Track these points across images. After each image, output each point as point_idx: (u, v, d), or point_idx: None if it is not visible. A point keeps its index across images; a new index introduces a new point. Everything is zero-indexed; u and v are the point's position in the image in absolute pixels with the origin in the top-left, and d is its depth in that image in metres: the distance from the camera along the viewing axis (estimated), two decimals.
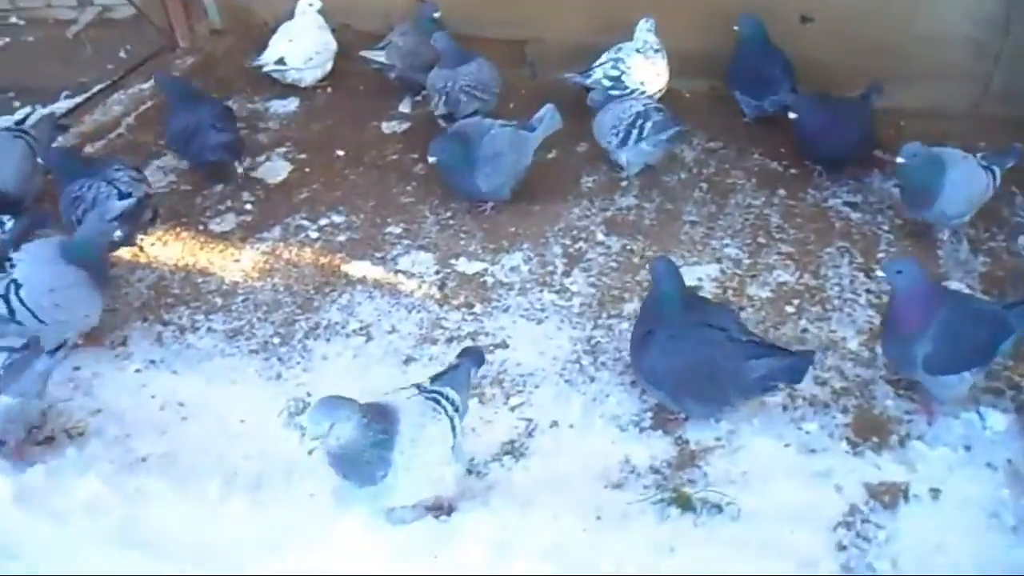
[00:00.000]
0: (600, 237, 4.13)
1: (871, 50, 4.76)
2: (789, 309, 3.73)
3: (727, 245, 4.08)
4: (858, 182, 4.44)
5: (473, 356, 3.04)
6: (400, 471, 2.60)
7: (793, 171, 4.56)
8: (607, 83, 4.72)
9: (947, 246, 4.05)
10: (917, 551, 2.83)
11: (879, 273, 3.71)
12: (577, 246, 4.09)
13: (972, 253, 4.04)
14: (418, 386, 2.82)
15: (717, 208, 4.32)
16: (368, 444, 2.54)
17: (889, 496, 3.03)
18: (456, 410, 2.77)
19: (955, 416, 3.29)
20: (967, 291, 3.80)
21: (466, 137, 4.15)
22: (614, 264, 3.98)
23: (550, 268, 3.98)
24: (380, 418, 2.58)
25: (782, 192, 4.42)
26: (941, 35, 4.86)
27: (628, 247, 4.06)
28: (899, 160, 3.73)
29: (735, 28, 4.67)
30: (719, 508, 2.96)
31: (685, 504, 2.97)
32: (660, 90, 4.79)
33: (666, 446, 3.20)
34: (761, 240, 4.12)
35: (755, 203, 4.33)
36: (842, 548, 2.84)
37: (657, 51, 4.75)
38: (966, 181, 3.80)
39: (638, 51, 4.73)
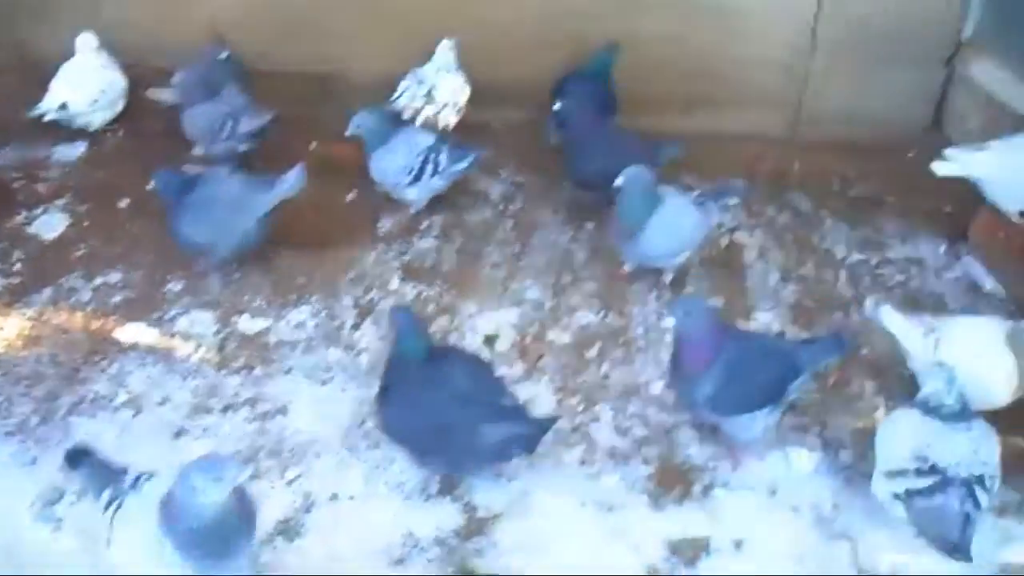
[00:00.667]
0: (395, 285, 3.84)
1: (682, 75, 4.68)
2: (590, 354, 3.54)
3: (529, 287, 3.87)
4: None
5: None
6: None
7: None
8: (419, 104, 4.57)
9: (756, 276, 3.94)
10: None
11: None
12: (369, 296, 3.78)
13: (782, 282, 3.94)
14: None
15: (522, 247, 4.10)
16: None
17: (691, 551, 2.85)
18: None
19: (760, 459, 3.13)
20: (775, 324, 3.70)
21: (195, 177, 3.84)
22: None
23: (338, 322, 3.67)
24: None
25: (590, 226, 4.23)
26: (752, 58, 4.83)
27: (424, 294, 3.79)
28: (618, 181, 3.49)
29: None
30: None
31: None
32: (468, 99, 4.66)
33: (453, 514, 2.92)
34: (565, 279, 3.92)
35: (561, 239, 4.10)
36: None
37: (457, 68, 4.63)
38: (674, 220, 3.60)
39: (439, 70, 4.60)
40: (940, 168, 3.90)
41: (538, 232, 4.21)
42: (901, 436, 2.82)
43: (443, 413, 2.78)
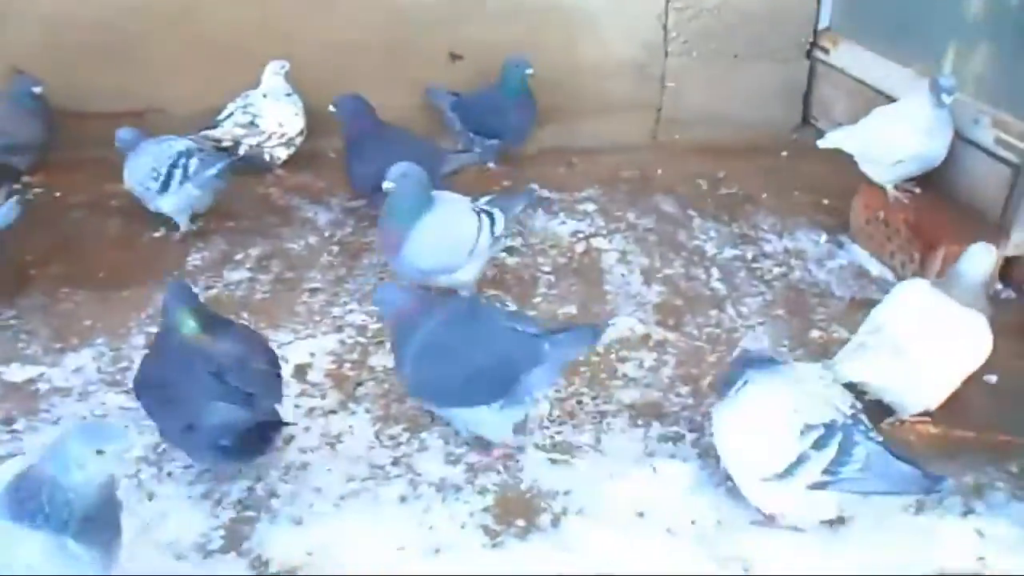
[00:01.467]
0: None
1: (532, 85, 4.22)
2: None
3: (351, 311, 3.29)
4: (518, 223, 3.77)
5: None
6: None
7: None
8: (240, 132, 4.14)
9: (616, 280, 3.43)
10: None
11: None
12: None
13: (645, 284, 3.45)
14: None
15: (347, 271, 3.55)
16: None
17: None
18: None
19: (624, 476, 2.55)
20: (640, 327, 3.17)
21: None
22: None
23: (125, 364, 3.00)
24: None
25: None
26: (606, 63, 4.44)
27: None
28: (386, 184, 3.04)
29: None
30: None
31: None
32: (301, 132, 4.26)
33: (241, 572, 2.28)
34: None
35: None
36: None
37: (289, 95, 4.22)
38: (444, 225, 3.10)
39: (266, 96, 4.19)
40: (822, 142, 3.72)
41: (366, 255, 3.65)
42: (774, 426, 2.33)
43: (185, 386, 2.38)
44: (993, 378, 2.99)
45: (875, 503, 2.48)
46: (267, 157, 4.22)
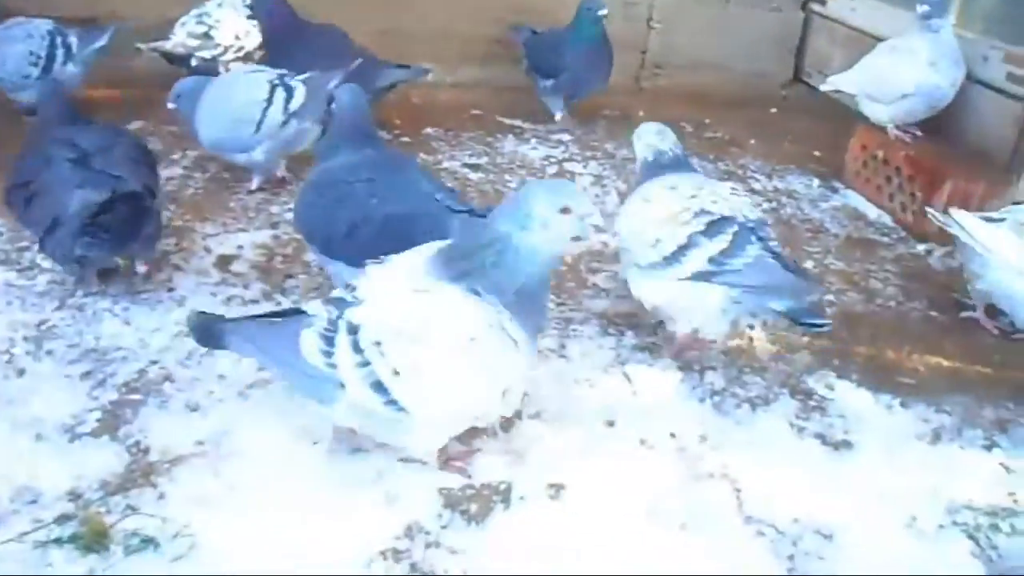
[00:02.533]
0: None
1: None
2: None
3: (289, 210, 2.86)
4: (485, 145, 3.42)
5: None
6: None
7: (406, 139, 3.54)
8: (193, 43, 3.70)
9: (590, 200, 3.05)
10: None
11: None
12: None
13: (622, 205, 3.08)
14: None
15: (293, 175, 3.15)
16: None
17: (477, 503, 1.82)
18: None
19: (591, 383, 2.16)
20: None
21: None
22: None
23: (21, 244, 2.56)
24: None
25: None
26: None
27: None
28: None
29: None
30: (154, 543, 1.59)
31: (96, 540, 1.60)
32: (260, 46, 3.80)
33: (110, 458, 1.85)
34: None
35: None
36: None
37: (248, 5, 3.79)
38: (221, 99, 2.87)
39: (222, 5, 3.78)
40: (824, 85, 3.55)
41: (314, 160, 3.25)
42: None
43: (38, 179, 2.17)
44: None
45: (881, 429, 2.14)
46: (222, 71, 3.80)
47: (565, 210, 1.63)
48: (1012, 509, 1.97)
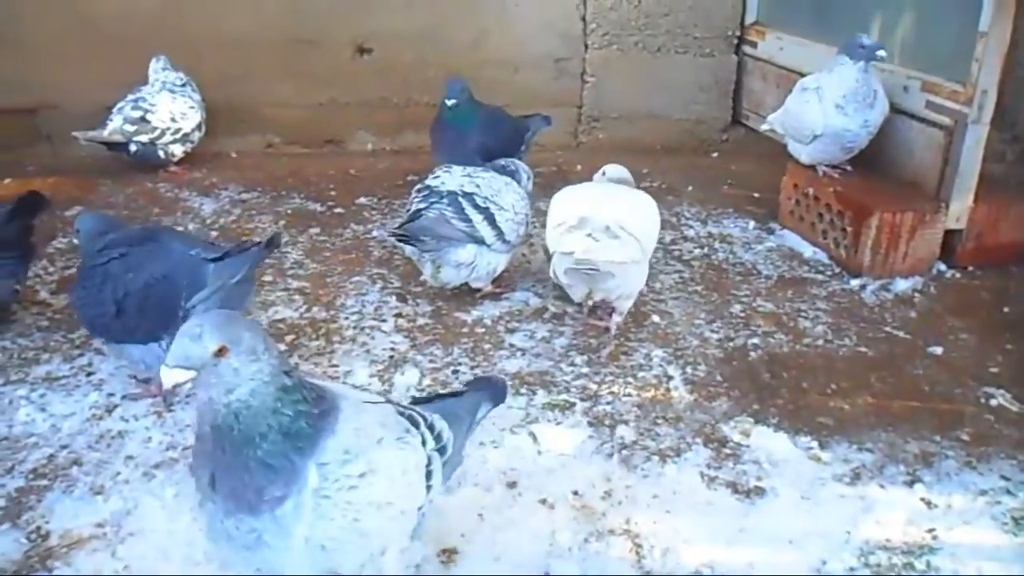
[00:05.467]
0: None
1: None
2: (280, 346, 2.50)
3: None
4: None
5: (490, 389, 1.85)
6: (311, 501, 1.36)
7: (339, 210, 3.50)
8: (130, 128, 3.76)
9: (515, 259, 3.04)
10: None
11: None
12: None
13: (547, 262, 3.05)
14: (387, 399, 1.68)
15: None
16: (276, 419, 1.36)
17: None
18: (439, 451, 1.60)
19: (496, 444, 2.12)
20: (533, 299, 2.77)
21: None
22: None
23: None
24: (311, 391, 1.43)
25: (315, 230, 3.37)
26: (521, 56, 4.15)
27: None
28: None
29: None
30: None
31: None
32: (198, 126, 3.92)
33: (9, 545, 1.84)
34: (267, 279, 2.94)
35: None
36: None
37: (183, 85, 3.90)
38: None
39: (159, 90, 3.86)
40: (763, 126, 3.63)
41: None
42: None
43: None
44: (938, 350, 2.62)
45: (798, 473, 2.08)
46: (161, 154, 3.85)
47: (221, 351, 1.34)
48: (930, 546, 1.90)
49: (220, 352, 1.31)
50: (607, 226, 2.39)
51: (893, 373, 2.52)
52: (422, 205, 2.65)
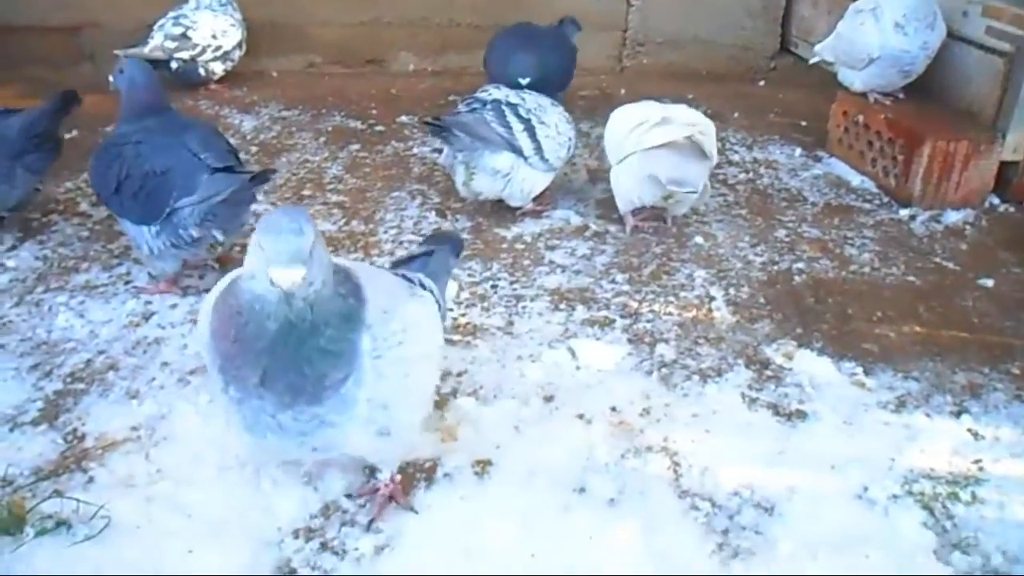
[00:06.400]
0: None
1: None
2: None
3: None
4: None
5: (450, 243, 1.96)
6: (368, 363, 1.40)
7: (380, 128, 3.46)
8: (171, 44, 3.71)
9: (558, 178, 2.97)
10: None
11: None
12: None
13: (590, 183, 3.07)
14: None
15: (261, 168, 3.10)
16: (335, 303, 1.38)
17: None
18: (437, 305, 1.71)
19: (534, 359, 2.09)
20: (575, 219, 2.74)
21: None
22: None
23: None
24: (339, 270, 1.44)
25: (355, 147, 3.33)
26: None
27: None
28: None
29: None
30: (67, 525, 1.61)
31: (13, 523, 1.60)
32: (239, 44, 3.87)
33: (46, 445, 1.84)
34: (306, 192, 2.92)
35: (312, 159, 3.25)
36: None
37: (224, 3, 3.84)
38: None
39: (200, 7, 3.80)
40: (812, 58, 3.46)
41: (286, 154, 3.28)
42: None
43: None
44: (989, 283, 2.55)
45: (841, 398, 2.04)
46: (201, 72, 3.81)
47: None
48: (976, 477, 1.85)
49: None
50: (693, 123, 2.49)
51: (942, 303, 2.46)
52: (465, 110, 2.64)
